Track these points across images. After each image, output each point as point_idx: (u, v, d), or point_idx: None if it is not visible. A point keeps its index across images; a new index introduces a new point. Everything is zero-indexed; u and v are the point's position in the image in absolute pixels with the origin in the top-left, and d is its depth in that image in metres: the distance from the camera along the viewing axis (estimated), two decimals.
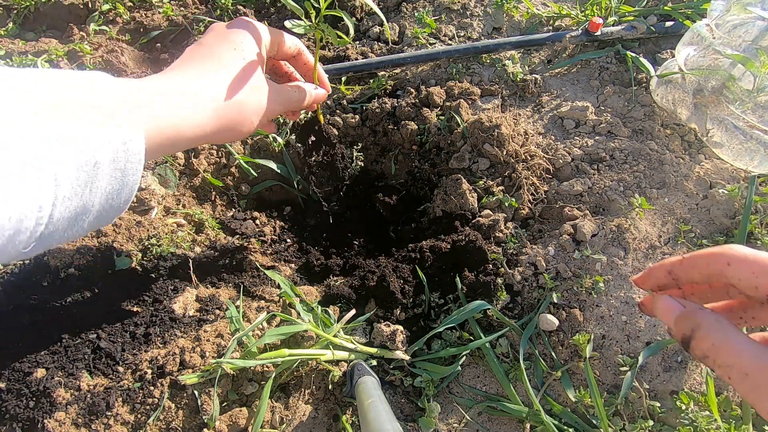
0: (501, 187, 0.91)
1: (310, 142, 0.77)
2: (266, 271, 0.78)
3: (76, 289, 0.74)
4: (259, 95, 0.54)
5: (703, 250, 0.35)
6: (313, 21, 0.58)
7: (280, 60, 0.63)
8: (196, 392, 0.67)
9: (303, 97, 0.63)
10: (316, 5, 0.57)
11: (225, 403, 0.69)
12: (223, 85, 0.50)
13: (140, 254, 0.80)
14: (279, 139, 0.98)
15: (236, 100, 0.51)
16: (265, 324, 0.74)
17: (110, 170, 0.39)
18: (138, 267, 0.79)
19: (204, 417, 0.66)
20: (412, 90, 1.05)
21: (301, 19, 0.57)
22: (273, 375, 0.69)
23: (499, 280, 0.80)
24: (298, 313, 0.74)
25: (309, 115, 0.76)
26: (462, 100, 0.99)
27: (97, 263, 0.77)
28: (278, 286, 0.80)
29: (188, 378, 0.65)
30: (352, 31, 0.61)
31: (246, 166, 0.96)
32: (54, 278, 0.75)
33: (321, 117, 0.75)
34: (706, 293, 0.39)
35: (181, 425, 0.65)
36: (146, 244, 0.81)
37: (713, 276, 0.35)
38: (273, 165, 0.97)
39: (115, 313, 0.73)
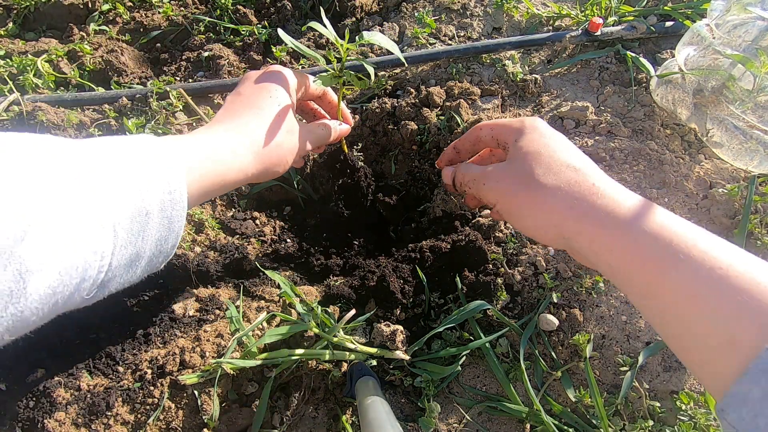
0: None
1: (336, 169, 0.84)
2: (266, 271, 0.78)
3: None
4: (293, 137, 0.60)
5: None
6: (336, 70, 0.65)
7: (307, 100, 0.70)
8: (196, 392, 0.67)
9: (329, 133, 0.68)
10: (338, 55, 0.63)
11: (225, 403, 0.69)
12: (262, 131, 0.56)
13: None
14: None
15: (274, 143, 0.57)
16: (265, 324, 0.74)
17: (159, 219, 0.42)
18: None
19: (204, 417, 0.66)
20: (412, 90, 1.05)
21: (326, 70, 0.62)
22: (273, 375, 0.69)
23: (499, 280, 0.80)
24: (298, 313, 0.74)
25: (334, 147, 0.83)
26: (462, 100, 0.99)
27: None
28: (278, 286, 0.80)
29: (188, 378, 0.65)
30: (373, 77, 0.66)
31: None
32: None
33: (345, 147, 0.80)
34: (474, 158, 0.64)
35: (181, 425, 0.65)
36: None
37: (476, 141, 0.58)
38: None
39: (115, 313, 0.73)
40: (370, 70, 0.65)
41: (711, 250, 0.37)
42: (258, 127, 0.55)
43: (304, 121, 0.72)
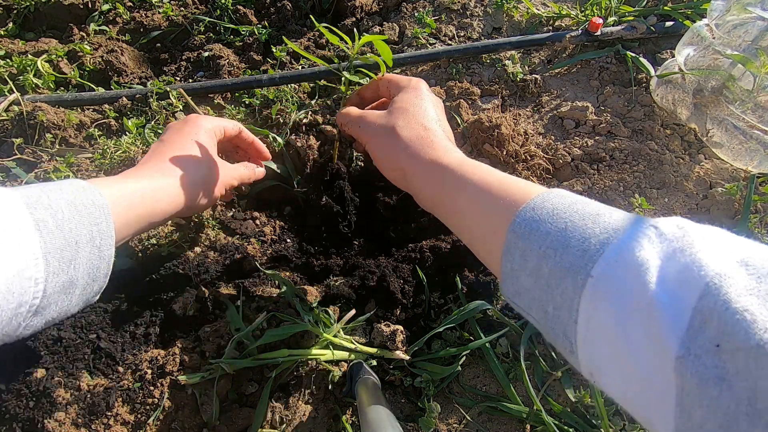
0: None
1: (325, 179, 0.90)
2: (266, 271, 0.78)
3: None
4: (214, 173, 0.68)
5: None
6: (342, 70, 0.75)
7: (227, 140, 0.77)
8: (196, 392, 0.67)
9: (251, 173, 0.79)
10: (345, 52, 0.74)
11: (225, 403, 0.69)
12: (186, 168, 0.63)
13: (140, 254, 0.80)
14: (279, 139, 0.98)
15: (200, 178, 0.64)
16: (264, 324, 0.74)
17: (89, 248, 0.48)
18: (138, 267, 0.79)
19: (204, 417, 0.66)
20: None
21: (330, 71, 0.75)
22: (273, 375, 0.69)
23: None
24: (298, 313, 0.74)
25: (325, 157, 0.90)
26: (462, 100, 0.99)
27: None
28: (278, 286, 0.80)
29: (188, 378, 0.65)
30: (382, 78, 0.73)
31: None
32: None
33: (336, 158, 0.87)
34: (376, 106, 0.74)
35: (181, 425, 0.65)
36: (146, 244, 0.81)
37: (375, 90, 0.71)
38: (273, 165, 0.97)
39: (115, 313, 0.73)
40: (382, 63, 0.70)
41: (484, 178, 0.50)
42: (181, 165, 0.63)
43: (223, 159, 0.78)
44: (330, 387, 0.74)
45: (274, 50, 1.11)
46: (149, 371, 0.67)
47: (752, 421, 0.26)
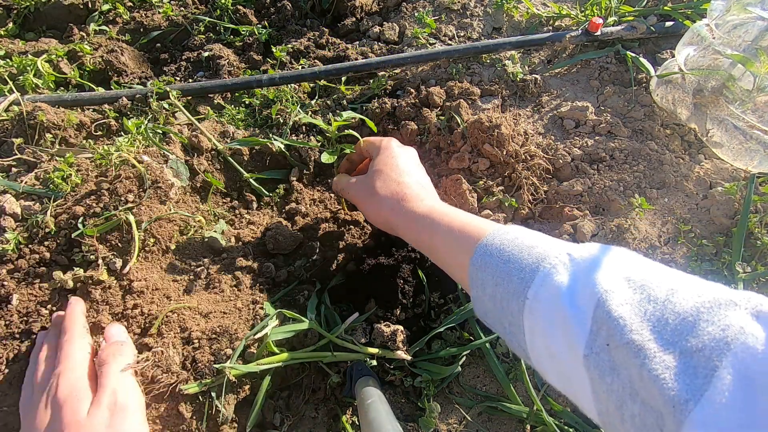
0: (501, 187, 0.91)
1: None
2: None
3: None
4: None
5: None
6: (329, 147, 0.84)
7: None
8: (199, 395, 0.67)
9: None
10: (329, 135, 0.83)
11: (227, 404, 0.68)
12: None
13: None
14: (279, 144, 0.98)
15: None
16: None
17: None
18: None
19: (207, 419, 0.66)
20: (412, 90, 1.05)
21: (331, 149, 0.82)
22: (270, 373, 0.69)
23: None
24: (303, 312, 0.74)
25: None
26: (462, 100, 0.99)
27: None
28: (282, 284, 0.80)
29: (190, 387, 0.64)
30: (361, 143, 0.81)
31: (255, 183, 0.94)
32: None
33: (345, 209, 0.91)
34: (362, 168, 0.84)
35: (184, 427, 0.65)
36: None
37: (360, 153, 0.81)
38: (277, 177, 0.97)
39: None
40: (359, 136, 0.81)
41: (449, 222, 0.59)
42: None
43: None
44: (330, 387, 0.74)
45: (274, 50, 1.11)
46: None
47: (633, 399, 0.34)
